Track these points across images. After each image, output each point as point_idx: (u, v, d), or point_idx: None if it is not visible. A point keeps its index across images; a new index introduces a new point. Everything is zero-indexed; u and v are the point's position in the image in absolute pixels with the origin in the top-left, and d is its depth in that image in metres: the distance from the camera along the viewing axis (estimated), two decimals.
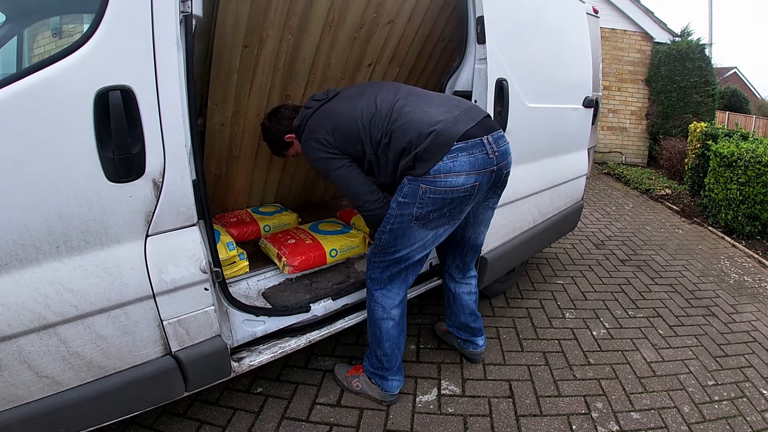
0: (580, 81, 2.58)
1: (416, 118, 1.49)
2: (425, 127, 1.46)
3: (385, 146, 1.53)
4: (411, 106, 1.52)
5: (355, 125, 1.55)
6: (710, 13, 12.42)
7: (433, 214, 1.50)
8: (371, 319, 1.69)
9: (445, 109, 1.52)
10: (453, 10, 2.27)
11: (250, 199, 2.56)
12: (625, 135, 7.59)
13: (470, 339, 2.00)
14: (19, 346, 1.05)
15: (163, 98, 1.12)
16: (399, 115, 1.51)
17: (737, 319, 2.57)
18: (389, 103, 1.55)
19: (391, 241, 1.57)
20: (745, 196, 3.77)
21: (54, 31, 1.83)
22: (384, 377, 1.74)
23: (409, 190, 1.48)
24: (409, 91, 1.61)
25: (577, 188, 2.83)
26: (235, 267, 1.77)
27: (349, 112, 1.57)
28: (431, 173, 1.44)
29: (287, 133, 1.75)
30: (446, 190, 1.45)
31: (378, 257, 1.63)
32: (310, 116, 1.63)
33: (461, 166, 1.44)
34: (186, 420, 1.65)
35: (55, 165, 1.02)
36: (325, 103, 1.63)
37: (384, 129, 1.52)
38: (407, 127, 1.48)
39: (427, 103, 1.55)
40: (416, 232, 1.54)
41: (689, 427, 1.72)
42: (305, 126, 1.64)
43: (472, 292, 1.95)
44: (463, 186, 1.46)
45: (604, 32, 6.73)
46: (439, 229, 1.56)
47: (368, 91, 1.63)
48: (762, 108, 15.08)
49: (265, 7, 1.75)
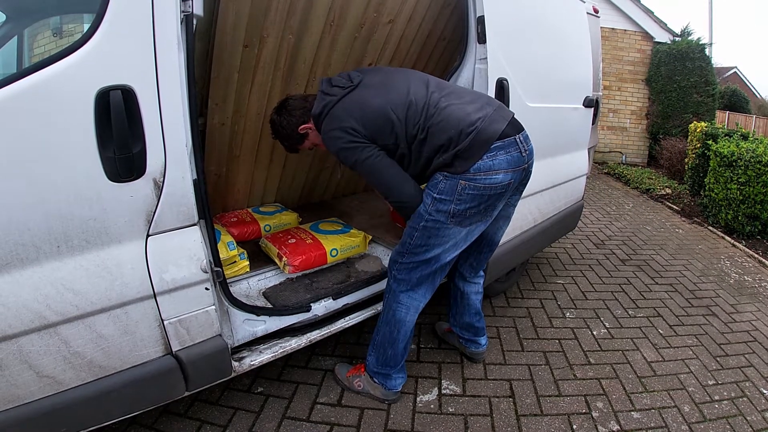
0: (580, 81, 2.58)
1: (455, 114, 1.47)
2: (465, 125, 1.45)
3: (420, 142, 1.49)
4: (446, 101, 1.50)
5: (389, 118, 1.47)
6: (710, 13, 12.41)
7: (471, 211, 1.49)
8: (391, 319, 1.66)
9: (479, 105, 1.51)
10: (453, 9, 2.26)
11: (251, 199, 2.56)
12: (626, 135, 7.59)
13: (473, 339, 1.99)
14: (19, 345, 1.05)
15: (164, 98, 1.12)
16: (436, 111, 1.47)
17: (737, 318, 2.57)
18: (424, 97, 1.50)
19: (423, 240, 1.54)
20: (745, 195, 3.77)
21: (54, 31, 1.83)
22: (388, 375, 1.74)
23: (446, 187, 1.47)
24: (438, 83, 1.59)
25: (577, 188, 2.83)
26: (235, 267, 1.77)
27: (382, 103, 1.49)
28: (471, 171, 1.44)
29: (301, 124, 1.65)
30: (485, 186, 1.46)
31: (406, 258, 1.59)
32: (334, 104, 1.51)
33: (500, 165, 1.46)
34: (186, 420, 1.65)
35: (56, 165, 1.02)
36: (351, 91, 1.53)
37: (421, 124, 1.47)
38: (445, 124, 1.45)
39: (459, 98, 1.53)
40: (451, 230, 1.52)
41: (689, 426, 1.72)
42: (327, 114, 1.52)
43: (479, 291, 1.94)
44: (501, 183, 1.48)
45: (605, 32, 6.73)
46: (472, 227, 1.55)
47: (396, 80, 1.57)
48: (762, 108, 15.08)
49: (266, 6, 1.75)
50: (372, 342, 1.75)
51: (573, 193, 2.78)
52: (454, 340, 2.08)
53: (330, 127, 1.51)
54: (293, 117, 1.65)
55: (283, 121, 1.66)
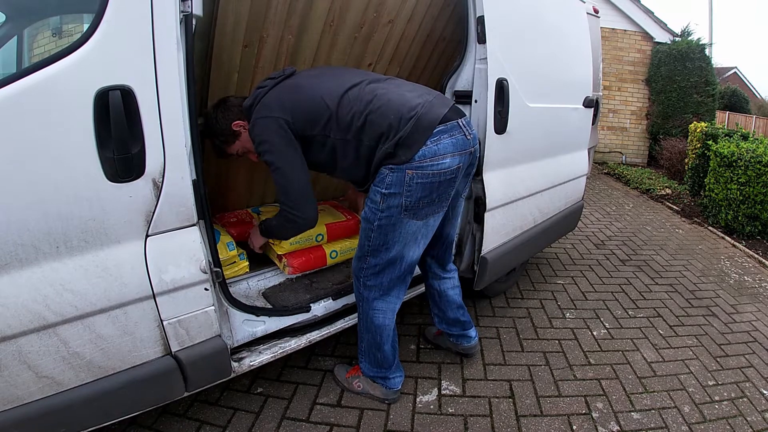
0: (580, 81, 2.58)
1: (394, 100, 1.44)
2: (405, 110, 1.42)
3: (358, 130, 1.44)
4: (384, 89, 1.48)
5: (320, 104, 1.44)
6: (710, 13, 12.42)
7: (423, 201, 1.46)
8: (370, 326, 1.64)
9: (418, 93, 1.49)
10: (453, 9, 2.26)
11: (251, 199, 2.55)
12: (626, 135, 7.59)
13: (463, 333, 1.97)
14: (18, 346, 1.05)
15: (163, 98, 1.12)
16: (373, 97, 1.45)
17: (737, 319, 2.57)
18: (359, 84, 1.48)
19: (382, 239, 1.51)
20: (745, 196, 3.77)
21: (54, 31, 1.83)
22: (386, 377, 1.73)
23: (393, 179, 1.43)
24: (377, 76, 1.57)
25: (577, 188, 2.83)
26: (235, 267, 1.77)
27: (313, 90, 1.46)
28: (416, 159, 1.40)
29: (237, 120, 1.57)
30: (434, 173, 1.43)
31: (370, 260, 1.56)
32: (265, 93, 1.49)
33: (445, 149, 1.43)
34: (186, 420, 1.65)
35: (55, 165, 1.02)
36: (283, 80, 1.51)
37: (357, 110, 1.44)
38: (385, 110, 1.42)
39: (398, 87, 1.52)
40: (406, 224, 1.48)
41: (690, 427, 1.71)
42: (258, 103, 1.49)
43: (456, 285, 1.92)
44: (449, 168, 1.45)
45: (605, 32, 6.72)
46: (428, 219, 1.52)
47: (333, 72, 1.56)
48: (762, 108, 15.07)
49: (266, 6, 1.75)
50: (359, 349, 1.75)
51: (573, 193, 2.78)
52: (446, 341, 2.07)
53: (258, 115, 1.47)
54: (230, 112, 1.59)
55: (219, 116, 1.60)
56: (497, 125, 1.88)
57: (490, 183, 1.93)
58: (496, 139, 1.89)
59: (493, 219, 2.02)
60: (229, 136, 1.61)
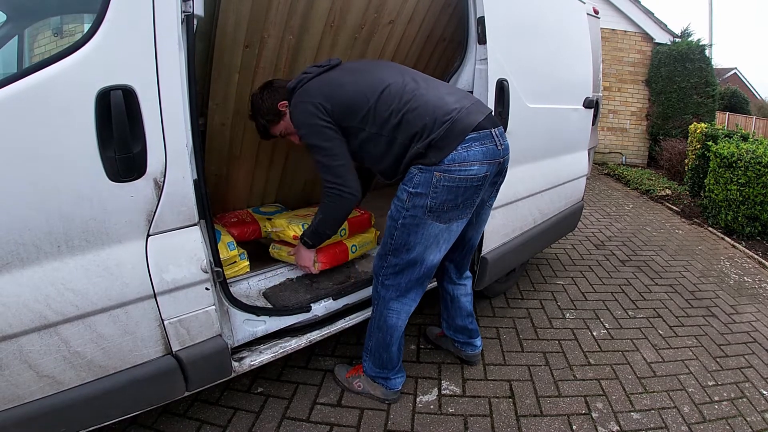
0: (580, 81, 2.58)
1: (431, 102, 1.47)
2: (441, 113, 1.44)
3: (394, 127, 1.48)
4: (424, 89, 1.50)
5: (361, 97, 1.49)
6: (710, 13, 12.43)
7: (447, 205, 1.48)
8: (383, 325, 1.65)
9: (456, 98, 1.51)
10: (454, 10, 2.26)
11: (251, 199, 2.56)
12: (626, 136, 7.59)
13: (468, 341, 1.98)
14: (19, 345, 1.05)
15: (165, 98, 1.13)
16: (412, 97, 1.47)
17: (737, 319, 2.57)
18: (400, 82, 1.51)
19: (404, 238, 1.53)
20: (745, 196, 3.78)
21: (55, 31, 1.83)
22: (387, 378, 1.74)
23: (421, 180, 1.46)
24: (419, 74, 1.60)
25: (577, 189, 2.83)
26: (235, 267, 1.77)
27: (355, 83, 1.51)
28: (445, 162, 1.43)
29: (283, 100, 1.64)
30: (460, 178, 1.45)
31: (390, 259, 1.58)
32: (308, 80, 1.55)
33: (475, 156, 1.46)
34: (186, 420, 1.65)
35: (57, 165, 1.02)
36: (328, 71, 1.57)
37: (395, 108, 1.47)
38: (422, 111, 1.45)
39: (438, 89, 1.54)
40: (430, 225, 1.51)
41: (689, 427, 1.72)
42: (301, 88, 1.55)
43: (468, 293, 1.93)
44: (476, 175, 1.47)
45: (605, 33, 6.73)
46: (451, 224, 1.53)
47: (375, 67, 1.59)
48: (762, 109, 15.08)
49: (266, 7, 1.75)
50: (365, 348, 1.75)
51: (573, 193, 2.79)
52: (449, 344, 2.07)
53: (299, 99, 1.53)
54: (277, 93, 1.65)
55: (266, 96, 1.66)
56: None
57: None
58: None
59: (493, 219, 2.02)
60: (275, 116, 1.66)
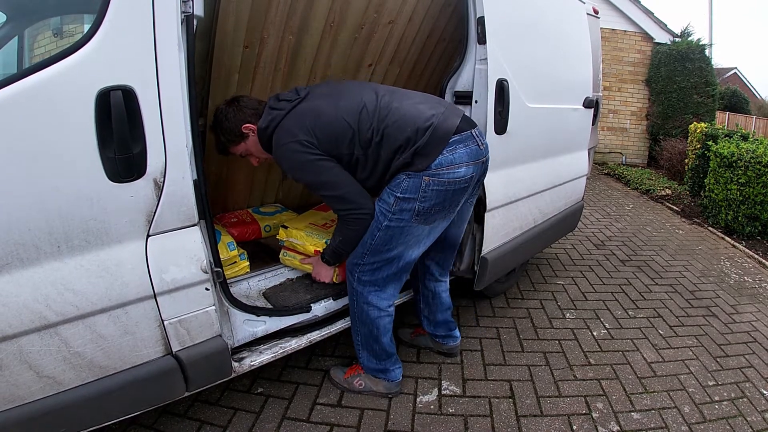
0: (580, 81, 2.58)
1: (409, 113, 1.47)
2: (421, 121, 1.45)
3: (376, 145, 1.47)
4: (397, 102, 1.50)
5: (343, 123, 1.45)
6: (710, 13, 12.42)
7: (435, 208, 1.49)
8: (365, 320, 1.66)
9: (430, 105, 1.53)
10: (453, 10, 2.26)
11: (251, 199, 2.56)
12: (626, 135, 7.59)
13: (448, 334, 1.99)
14: (19, 345, 1.05)
15: (165, 98, 1.13)
16: (388, 112, 1.47)
17: (737, 319, 2.57)
18: (374, 100, 1.50)
19: (386, 240, 1.53)
20: (745, 196, 3.78)
21: (55, 31, 1.83)
22: (386, 369, 1.75)
23: (409, 185, 1.46)
24: (387, 88, 1.59)
25: (577, 188, 2.83)
26: (235, 267, 1.77)
27: (332, 110, 1.47)
28: (432, 167, 1.44)
29: (247, 123, 1.54)
30: (449, 182, 1.47)
31: (368, 258, 1.57)
32: (282, 117, 1.48)
33: (461, 158, 1.47)
34: (186, 420, 1.65)
35: (57, 165, 1.02)
36: (299, 104, 1.51)
37: (374, 126, 1.46)
38: (401, 123, 1.45)
39: (410, 99, 1.54)
40: (414, 228, 1.52)
41: (690, 427, 1.72)
42: (276, 128, 1.48)
43: (448, 288, 1.95)
44: (464, 177, 1.49)
45: (605, 33, 6.73)
46: (435, 224, 1.55)
47: (345, 89, 1.56)
48: (762, 108, 15.08)
49: (266, 7, 1.75)
50: (355, 344, 1.76)
51: (573, 193, 2.78)
52: (427, 342, 2.06)
53: (283, 141, 1.46)
54: (242, 113, 1.55)
55: (230, 114, 1.56)
56: (497, 126, 1.88)
57: (490, 183, 1.93)
58: (496, 140, 1.89)
59: (494, 219, 2.02)
60: (236, 137, 1.58)
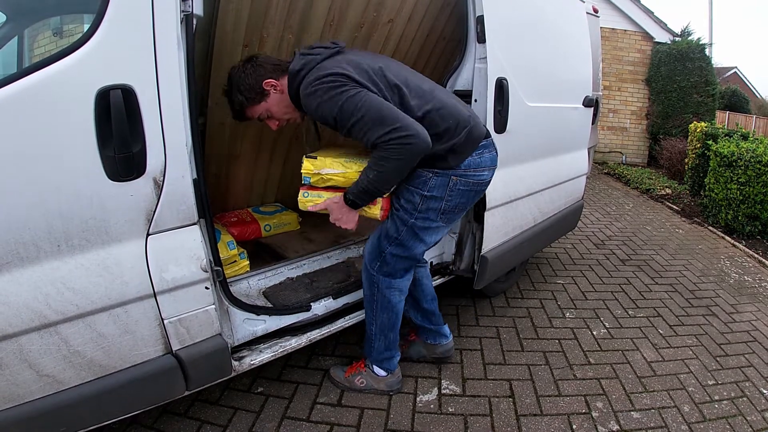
0: (580, 80, 2.58)
1: (451, 106, 1.47)
2: (462, 119, 1.47)
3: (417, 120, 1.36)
4: (439, 93, 1.49)
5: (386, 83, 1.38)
6: (710, 13, 12.42)
7: (459, 208, 1.53)
8: (388, 305, 1.66)
9: (465, 107, 1.56)
10: (453, 9, 2.26)
11: (251, 199, 2.56)
12: (626, 135, 7.59)
13: (437, 329, 1.90)
14: (19, 344, 1.05)
15: (164, 97, 1.13)
16: (432, 97, 1.43)
17: (737, 318, 2.57)
18: (414, 79, 1.46)
19: (410, 238, 1.55)
20: (745, 195, 3.77)
21: (55, 31, 1.83)
22: (391, 357, 1.77)
23: (437, 183, 1.47)
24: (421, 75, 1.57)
25: (577, 188, 2.83)
26: (235, 266, 1.77)
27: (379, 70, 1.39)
28: (462, 167, 1.47)
29: (269, 79, 1.43)
30: (474, 183, 1.51)
31: (391, 250, 1.58)
32: (319, 61, 1.37)
33: (486, 162, 1.53)
34: (186, 419, 1.65)
35: (56, 164, 1.02)
36: (338, 53, 1.41)
37: (416, 104, 1.39)
38: (445, 113, 1.44)
39: (448, 95, 1.56)
40: (438, 228, 1.56)
41: (689, 426, 1.72)
42: (313, 68, 1.36)
43: (429, 275, 1.91)
44: (485, 180, 1.55)
45: (605, 32, 6.73)
46: (451, 223, 1.60)
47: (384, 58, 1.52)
48: (762, 108, 15.07)
49: (266, 6, 1.75)
50: (368, 335, 1.75)
51: (573, 192, 2.78)
52: (420, 348, 1.97)
53: (316, 76, 1.32)
54: (262, 68, 1.44)
55: (249, 70, 1.43)
56: (497, 124, 1.88)
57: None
58: (495, 139, 1.88)
59: (493, 218, 2.02)
60: (256, 94, 1.44)
